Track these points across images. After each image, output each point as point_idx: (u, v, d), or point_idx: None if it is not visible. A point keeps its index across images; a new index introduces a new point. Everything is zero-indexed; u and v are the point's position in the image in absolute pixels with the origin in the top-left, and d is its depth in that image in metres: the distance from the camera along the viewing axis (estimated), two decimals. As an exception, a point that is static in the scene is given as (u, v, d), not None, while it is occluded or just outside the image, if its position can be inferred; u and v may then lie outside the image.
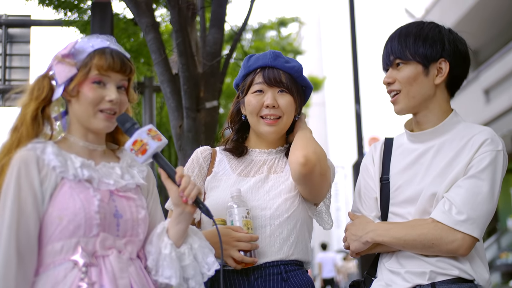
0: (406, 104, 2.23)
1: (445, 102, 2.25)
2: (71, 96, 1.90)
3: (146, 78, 10.43)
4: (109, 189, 1.91)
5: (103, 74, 1.90)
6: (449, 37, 2.23)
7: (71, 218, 1.78)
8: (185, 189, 1.86)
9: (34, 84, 1.93)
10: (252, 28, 16.44)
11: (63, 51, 1.89)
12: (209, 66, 5.52)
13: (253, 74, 2.34)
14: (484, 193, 2.04)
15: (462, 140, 2.14)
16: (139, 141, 1.85)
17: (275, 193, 2.25)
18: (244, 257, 2.10)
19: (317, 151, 2.19)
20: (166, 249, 1.90)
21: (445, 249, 2.04)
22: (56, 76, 1.89)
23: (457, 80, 2.26)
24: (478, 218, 2.03)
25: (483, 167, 2.06)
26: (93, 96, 1.89)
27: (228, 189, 2.23)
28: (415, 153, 2.23)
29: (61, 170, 1.83)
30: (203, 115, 5.40)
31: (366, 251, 2.22)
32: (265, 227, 2.20)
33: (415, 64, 2.20)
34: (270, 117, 2.29)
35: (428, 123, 2.24)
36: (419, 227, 2.08)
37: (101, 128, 1.92)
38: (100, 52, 1.90)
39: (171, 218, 1.95)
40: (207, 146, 2.45)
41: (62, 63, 1.88)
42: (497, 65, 14.91)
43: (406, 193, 2.18)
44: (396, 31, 2.29)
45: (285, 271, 2.19)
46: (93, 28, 6.51)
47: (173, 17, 5.43)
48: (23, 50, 9.71)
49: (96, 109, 1.90)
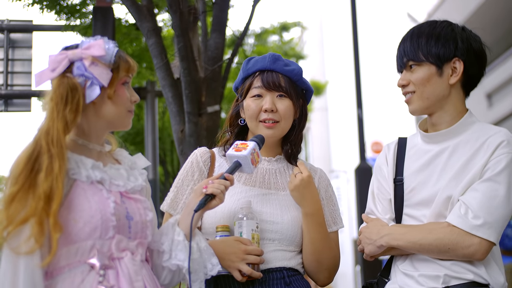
0: (420, 105, 2.21)
1: (460, 102, 2.22)
2: (109, 98, 1.88)
3: (149, 83, 10.43)
4: (119, 191, 1.91)
5: (128, 75, 1.93)
6: (462, 36, 2.19)
7: (87, 220, 1.76)
8: (215, 183, 1.97)
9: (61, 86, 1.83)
10: (254, 33, 16.44)
11: (95, 52, 1.84)
12: (210, 70, 5.52)
13: (252, 78, 2.32)
14: (501, 196, 2.01)
15: (478, 141, 2.11)
16: (246, 145, 2.13)
17: (289, 206, 2.26)
18: (253, 271, 2.10)
19: (331, 268, 2.30)
20: (179, 236, 1.95)
21: (462, 254, 2.02)
22: (96, 78, 1.83)
23: (473, 79, 2.23)
24: (495, 222, 2.00)
25: (500, 170, 2.03)
26: (126, 97, 1.93)
27: (233, 197, 2.22)
28: (430, 154, 2.20)
29: (73, 172, 1.82)
30: (204, 120, 5.40)
31: (380, 254, 2.21)
32: (272, 239, 2.20)
33: (428, 65, 2.18)
34: (268, 121, 2.27)
35: (443, 124, 2.21)
36: (435, 231, 2.05)
37: (128, 126, 1.98)
38: (122, 54, 1.93)
39: (184, 210, 2.02)
40: (205, 148, 2.42)
41: (97, 65, 1.85)
42: (499, 70, 14.89)
43: (421, 195, 2.16)
44: (408, 32, 2.26)
45: (288, 275, 2.19)
46: (95, 33, 6.52)
47: (174, 22, 5.43)
48: (25, 55, 9.72)
49: (127, 109, 1.94)
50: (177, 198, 2.32)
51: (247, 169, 2.09)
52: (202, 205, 1.94)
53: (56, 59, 1.86)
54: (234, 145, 2.13)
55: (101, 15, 6.65)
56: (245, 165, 2.08)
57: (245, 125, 2.38)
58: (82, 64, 1.84)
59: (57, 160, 1.73)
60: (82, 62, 1.84)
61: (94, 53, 1.85)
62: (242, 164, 2.08)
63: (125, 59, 1.93)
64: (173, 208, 2.31)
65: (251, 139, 2.18)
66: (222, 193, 1.97)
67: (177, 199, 2.31)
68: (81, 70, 1.84)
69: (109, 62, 1.87)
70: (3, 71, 9.47)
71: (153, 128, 10.44)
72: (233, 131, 2.41)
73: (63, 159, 1.75)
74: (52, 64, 1.86)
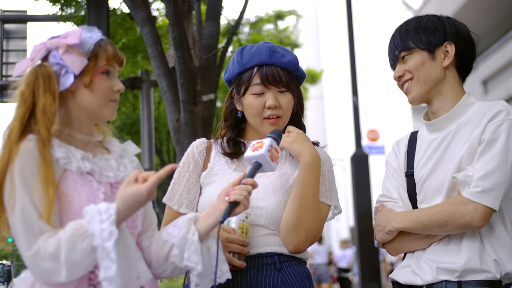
0: (419, 90, 2.23)
1: (457, 84, 2.25)
2: (85, 86, 1.86)
3: (144, 73, 10.42)
4: (109, 182, 1.90)
5: (110, 64, 1.90)
6: (449, 22, 2.24)
7: (76, 211, 1.75)
8: (236, 189, 1.91)
9: (35, 75, 1.84)
10: (249, 21, 16.41)
11: (69, 40, 1.84)
12: (205, 59, 5.52)
13: (250, 73, 2.27)
14: (498, 162, 2.02)
15: (477, 118, 2.13)
16: (262, 143, 2.05)
17: (273, 190, 2.22)
18: (233, 259, 2.09)
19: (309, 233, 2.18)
20: (194, 236, 1.91)
21: (459, 224, 2.02)
22: (68, 66, 1.83)
23: (466, 61, 2.26)
24: (492, 187, 2.00)
25: (496, 136, 2.04)
26: (106, 86, 1.88)
27: (223, 185, 2.21)
28: (435, 143, 2.22)
29: (64, 162, 1.81)
30: (200, 108, 5.40)
31: (393, 244, 2.23)
32: (260, 224, 2.19)
33: (419, 51, 2.21)
34: (272, 117, 2.25)
35: (442, 109, 2.23)
36: (434, 207, 2.09)
37: (111, 117, 1.94)
38: (104, 43, 1.90)
39: (206, 210, 1.98)
40: (203, 139, 2.41)
41: (71, 53, 1.84)
42: (494, 56, 14.92)
43: (432, 183, 2.18)
44: (396, 29, 2.30)
45: (280, 261, 2.18)
46: (89, 22, 6.50)
47: (169, 11, 5.42)
48: (19, 45, 9.71)
49: (107, 99, 1.90)
50: (174, 190, 2.32)
51: (268, 167, 2.03)
52: (226, 215, 1.90)
53: (36, 49, 1.87)
54: (251, 146, 2.07)
55: (95, 4, 6.63)
56: (265, 164, 2.02)
57: (241, 119, 2.35)
58: (57, 53, 1.85)
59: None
60: (57, 51, 1.85)
61: (68, 41, 1.84)
62: (262, 163, 2.02)
63: (105, 48, 1.89)
64: (170, 200, 2.31)
65: (268, 135, 2.12)
66: (246, 199, 1.92)
67: (174, 191, 2.31)
68: (56, 58, 1.84)
69: (87, 50, 1.85)
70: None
71: (149, 117, 10.45)
72: (230, 125, 2.38)
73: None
74: (32, 54, 1.87)
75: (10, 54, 9.68)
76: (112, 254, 1.64)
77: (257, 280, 2.13)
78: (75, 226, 1.67)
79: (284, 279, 2.15)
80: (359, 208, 9.41)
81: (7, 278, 14.00)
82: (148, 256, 1.97)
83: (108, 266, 1.64)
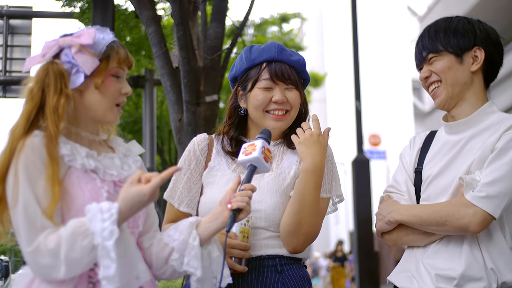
0: (446, 94, 2.22)
1: (481, 90, 2.25)
2: (95, 87, 1.86)
3: (147, 72, 10.42)
4: (113, 180, 1.90)
5: (120, 67, 1.90)
6: (480, 26, 2.24)
7: (79, 209, 1.75)
8: (237, 196, 1.90)
9: (45, 71, 1.84)
10: (254, 23, 16.44)
11: (83, 40, 1.84)
12: (209, 60, 5.53)
13: (258, 69, 2.27)
14: (505, 170, 2.02)
15: (495, 127, 2.13)
16: (254, 145, 2.03)
17: (270, 192, 2.22)
18: (235, 264, 2.09)
19: (308, 236, 2.18)
20: (195, 241, 1.90)
21: (456, 225, 2.02)
22: (79, 66, 1.82)
23: (494, 66, 2.26)
24: (496, 195, 2.00)
25: (509, 146, 2.05)
26: (115, 89, 1.88)
27: (222, 187, 2.20)
28: (449, 144, 2.23)
29: (69, 158, 1.81)
30: (203, 109, 5.41)
31: (392, 235, 2.24)
32: (261, 227, 2.18)
33: (448, 54, 2.21)
34: (278, 112, 2.24)
35: (462, 114, 2.23)
36: (436, 205, 2.10)
37: (114, 122, 1.93)
38: (116, 45, 1.89)
39: (208, 215, 1.96)
40: (204, 135, 2.39)
41: (84, 53, 1.84)
42: (498, 64, 14.86)
43: (439, 184, 2.19)
44: (425, 29, 2.30)
45: (280, 264, 2.18)
46: (95, 20, 6.49)
47: (174, 11, 5.43)
48: (24, 41, 9.72)
49: (114, 101, 1.90)
50: (175, 187, 2.31)
51: (263, 168, 2.03)
52: (232, 223, 1.89)
53: (48, 45, 1.87)
54: (242, 149, 2.05)
55: (100, 2, 6.62)
56: (260, 166, 2.01)
57: (244, 116, 2.35)
58: (70, 51, 1.84)
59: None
60: (70, 49, 1.84)
61: (82, 41, 1.84)
62: (257, 166, 2.02)
63: (117, 50, 1.89)
64: (171, 197, 2.31)
65: (258, 136, 2.09)
66: (248, 205, 1.91)
67: (175, 188, 2.31)
68: (68, 57, 1.84)
69: (99, 51, 1.85)
70: (2, 57, 9.47)
71: (151, 116, 10.44)
72: (233, 122, 2.38)
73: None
74: (44, 50, 1.87)
75: (14, 49, 9.69)
76: (112, 253, 1.64)
77: (258, 282, 2.14)
78: (76, 223, 1.67)
79: (284, 281, 2.15)
80: (359, 212, 9.40)
81: (5, 273, 13.99)
82: (149, 257, 1.96)
83: (108, 265, 1.64)
